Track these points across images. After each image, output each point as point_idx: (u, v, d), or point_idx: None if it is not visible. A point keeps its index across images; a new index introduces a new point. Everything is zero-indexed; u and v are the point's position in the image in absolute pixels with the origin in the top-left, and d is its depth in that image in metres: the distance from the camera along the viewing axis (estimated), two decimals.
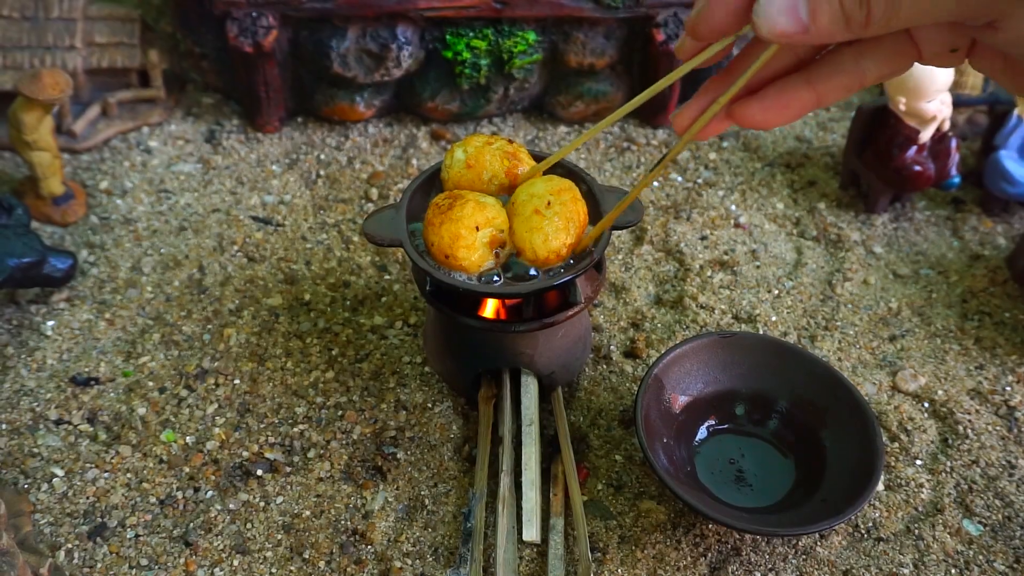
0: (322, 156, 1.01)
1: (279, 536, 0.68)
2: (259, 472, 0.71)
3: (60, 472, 0.71)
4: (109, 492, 0.70)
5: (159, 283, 0.86)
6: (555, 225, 0.64)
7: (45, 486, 0.70)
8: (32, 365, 0.78)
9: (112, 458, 0.72)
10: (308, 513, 0.69)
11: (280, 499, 0.70)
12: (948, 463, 0.74)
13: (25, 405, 0.75)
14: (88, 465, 0.71)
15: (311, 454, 0.73)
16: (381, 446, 0.73)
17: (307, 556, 0.66)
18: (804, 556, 0.68)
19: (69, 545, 0.66)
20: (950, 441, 0.75)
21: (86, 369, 0.78)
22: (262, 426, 0.75)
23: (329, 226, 0.93)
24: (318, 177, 0.98)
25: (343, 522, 0.69)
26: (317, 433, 0.74)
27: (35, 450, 0.72)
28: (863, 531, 0.69)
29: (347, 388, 0.78)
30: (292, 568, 0.66)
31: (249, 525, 0.68)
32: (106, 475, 0.71)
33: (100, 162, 0.99)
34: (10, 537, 0.56)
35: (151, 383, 0.78)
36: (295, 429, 0.75)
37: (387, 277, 0.88)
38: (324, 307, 0.85)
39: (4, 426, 0.74)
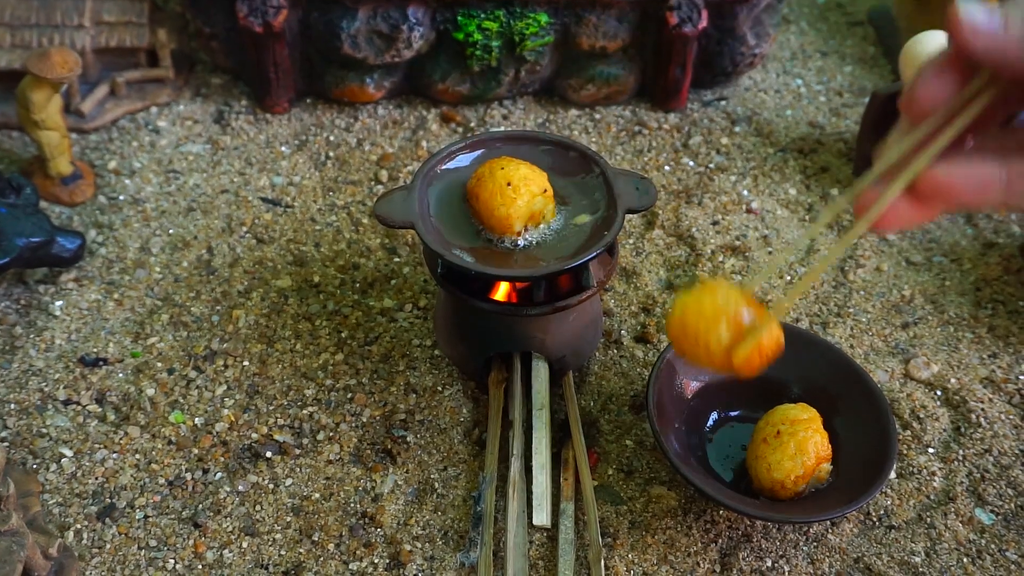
0: (331, 137, 1.00)
1: (288, 518, 0.67)
2: (268, 454, 0.71)
3: (69, 452, 0.71)
4: (118, 473, 0.70)
5: (168, 264, 0.86)
6: (781, 455, 0.65)
7: (54, 466, 0.70)
8: (41, 345, 0.78)
9: (121, 439, 0.72)
10: (317, 495, 0.69)
11: (289, 481, 0.70)
12: (960, 451, 0.73)
13: (34, 385, 0.75)
14: (97, 446, 0.71)
15: (320, 436, 0.73)
16: (391, 429, 0.73)
17: (316, 538, 0.66)
18: (815, 543, 0.67)
19: (78, 526, 0.66)
20: (963, 429, 0.75)
21: (95, 350, 0.78)
22: (271, 408, 0.74)
23: (338, 208, 0.92)
24: (327, 159, 0.98)
25: (352, 505, 0.68)
26: (326, 415, 0.74)
27: (44, 430, 0.72)
28: (875, 519, 0.69)
29: (356, 371, 0.77)
30: (301, 550, 0.66)
31: (258, 507, 0.68)
32: (115, 456, 0.71)
33: (108, 142, 0.98)
34: (19, 517, 0.56)
35: (160, 364, 0.77)
36: (304, 411, 0.74)
37: (396, 259, 0.87)
38: (333, 289, 0.84)
39: (13, 406, 0.73)
